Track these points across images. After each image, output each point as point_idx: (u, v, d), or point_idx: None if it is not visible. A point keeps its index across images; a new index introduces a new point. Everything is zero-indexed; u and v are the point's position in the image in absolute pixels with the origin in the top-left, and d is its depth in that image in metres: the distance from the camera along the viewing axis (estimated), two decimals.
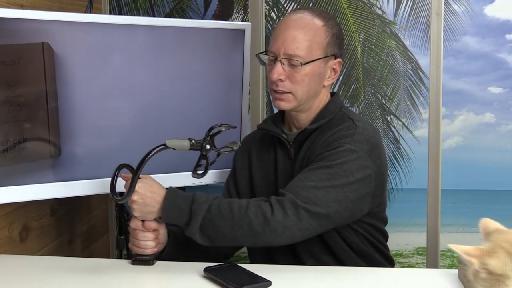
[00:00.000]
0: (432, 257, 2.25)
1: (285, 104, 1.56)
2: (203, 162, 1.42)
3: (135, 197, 1.43)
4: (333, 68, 1.58)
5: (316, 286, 1.33)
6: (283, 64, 1.52)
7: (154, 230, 1.50)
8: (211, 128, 1.43)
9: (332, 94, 1.66)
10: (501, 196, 2.24)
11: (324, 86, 1.59)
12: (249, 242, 1.43)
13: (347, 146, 1.48)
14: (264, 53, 1.60)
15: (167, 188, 1.47)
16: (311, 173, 1.45)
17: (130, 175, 1.45)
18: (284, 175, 1.59)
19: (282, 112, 1.68)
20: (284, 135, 1.62)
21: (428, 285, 1.33)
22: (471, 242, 2.02)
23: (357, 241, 1.55)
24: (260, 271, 1.34)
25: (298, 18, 1.54)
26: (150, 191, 1.44)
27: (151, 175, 1.50)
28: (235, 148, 1.49)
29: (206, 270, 1.35)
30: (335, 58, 1.57)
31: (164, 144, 1.40)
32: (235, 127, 1.54)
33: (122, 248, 2.09)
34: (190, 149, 1.42)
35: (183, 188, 2.37)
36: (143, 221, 1.48)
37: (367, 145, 1.50)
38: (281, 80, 1.53)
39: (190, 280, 1.35)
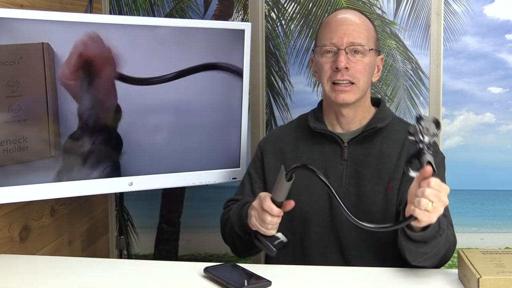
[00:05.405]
0: None
1: (349, 97, 1.54)
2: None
3: None
4: (377, 65, 1.62)
5: (316, 286, 1.33)
6: (347, 53, 1.54)
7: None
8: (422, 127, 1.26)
9: (376, 99, 1.68)
10: (501, 196, 2.24)
11: (372, 82, 1.62)
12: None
13: (441, 156, 1.58)
14: (320, 47, 1.56)
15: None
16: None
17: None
18: (336, 176, 1.55)
19: (320, 110, 1.65)
20: (337, 135, 1.58)
21: (428, 285, 1.33)
22: (471, 242, 2.01)
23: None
24: (260, 271, 1.34)
25: (352, 12, 1.60)
26: None
27: (150, 175, 1.49)
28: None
29: (206, 270, 1.35)
30: (379, 55, 1.63)
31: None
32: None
33: (122, 248, 2.09)
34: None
35: (183, 188, 2.40)
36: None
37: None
38: (346, 69, 1.53)
39: (190, 280, 1.35)
